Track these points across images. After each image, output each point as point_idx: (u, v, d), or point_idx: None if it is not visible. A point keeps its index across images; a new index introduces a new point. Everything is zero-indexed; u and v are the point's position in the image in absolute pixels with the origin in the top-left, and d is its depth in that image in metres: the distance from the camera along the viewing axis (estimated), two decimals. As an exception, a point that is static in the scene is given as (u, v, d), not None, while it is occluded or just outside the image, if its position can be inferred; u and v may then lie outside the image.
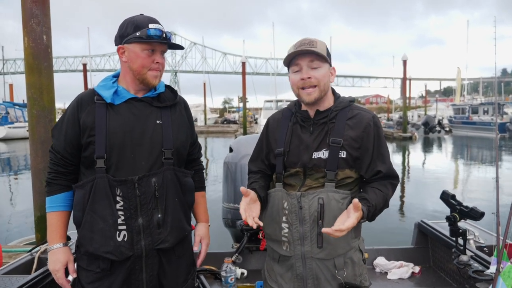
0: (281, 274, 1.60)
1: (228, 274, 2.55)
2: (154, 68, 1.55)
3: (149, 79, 1.55)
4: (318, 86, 1.50)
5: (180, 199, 1.62)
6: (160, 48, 1.56)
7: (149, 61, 1.54)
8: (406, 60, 25.27)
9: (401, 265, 2.87)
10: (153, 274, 1.56)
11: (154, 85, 1.58)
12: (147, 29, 1.52)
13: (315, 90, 1.50)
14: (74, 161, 1.57)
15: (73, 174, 1.59)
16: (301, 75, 1.50)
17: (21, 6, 3.54)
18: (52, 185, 1.57)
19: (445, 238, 2.67)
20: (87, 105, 1.55)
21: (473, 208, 2.27)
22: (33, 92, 3.59)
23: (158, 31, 1.52)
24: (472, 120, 29.28)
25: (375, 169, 1.53)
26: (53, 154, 1.59)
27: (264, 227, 1.63)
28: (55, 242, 1.58)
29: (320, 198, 1.47)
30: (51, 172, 1.58)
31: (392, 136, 25.38)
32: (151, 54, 1.54)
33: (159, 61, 1.56)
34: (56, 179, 1.57)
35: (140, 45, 1.53)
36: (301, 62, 1.51)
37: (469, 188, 9.69)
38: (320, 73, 1.50)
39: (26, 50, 3.57)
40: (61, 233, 1.59)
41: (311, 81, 1.49)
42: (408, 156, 17.27)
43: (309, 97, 1.51)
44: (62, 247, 1.58)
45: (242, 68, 28.31)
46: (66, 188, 1.57)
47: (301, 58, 1.50)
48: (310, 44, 1.49)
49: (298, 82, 1.52)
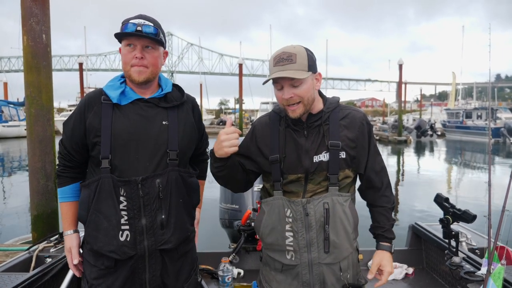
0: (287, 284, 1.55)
1: (225, 274, 2.58)
2: (136, 64, 1.53)
3: (133, 76, 1.54)
4: (302, 102, 1.46)
5: (185, 200, 1.64)
6: (139, 43, 1.53)
7: (129, 57, 1.54)
8: (402, 64, 25.43)
9: (395, 266, 2.92)
10: (155, 274, 1.57)
11: (139, 81, 1.55)
12: (126, 24, 1.52)
13: (299, 106, 1.46)
14: (79, 158, 1.62)
15: (79, 167, 1.65)
16: (283, 95, 1.46)
17: (21, 5, 3.54)
18: (61, 177, 1.65)
19: (438, 240, 2.72)
20: (94, 105, 1.57)
21: (466, 211, 2.31)
22: (31, 91, 3.59)
23: (133, 25, 1.50)
24: (466, 125, 29.47)
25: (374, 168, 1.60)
26: (61, 147, 1.64)
27: (263, 238, 1.58)
28: (67, 229, 1.67)
29: (325, 202, 1.48)
30: (59, 165, 1.66)
31: (387, 140, 25.48)
32: (132, 50, 1.53)
33: (138, 56, 1.53)
34: (64, 171, 1.64)
35: (123, 42, 1.56)
36: (283, 83, 1.45)
37: (462, 192, 9.79)
38: (303, 89, 1.45)
39: (25, 48, 3.57)
40: (70, 221, 1.67)
41: (294, 99, 1.45)
42: (403, 160, 17.37)
43: (294, 113, 1.47)
44: (70, 234, 1.67)
45: (239, 70, 28.32)
46: (74, 179, 1.65)
47: (280, 79, 1.45)
48: (288, 59, 1.42)
49: (282, 100, 1.48)
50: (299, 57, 1.44)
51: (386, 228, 1.61)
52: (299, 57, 1.44)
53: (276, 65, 1.44)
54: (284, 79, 1.44)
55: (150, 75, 1.57)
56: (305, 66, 1.44)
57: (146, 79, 1.56)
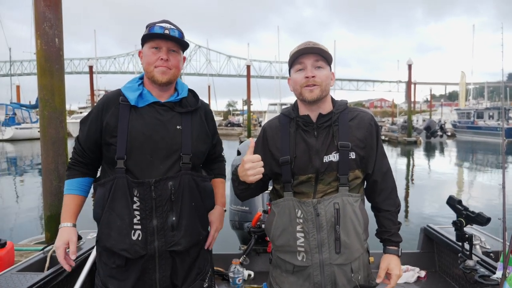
0: (298, 286, 1.55)
1: (236, 275, 2.59)
2: (160, 65, 1.57)
3: (156, 76, 1.58)
4: (320, 86, 1.50)
5: (197, 204, 1.65)
6: (165, 45, 1.58)
7: (154, 58, 1.57)
8: (411, 64, 25.24)
9: (407, 269, 2.89)
10: (165, 274, 1.59)
11: (162, 81, 1.58)
12: (152, 27, 1.57)
13: (317, 88, 1.50)
14: (92, 156, 1.65)
15: (91, 164, 1.68)
16: (306, 73, 1.50)
17: (34, 9, 3.61)
18: (71, 170, 1.67)
19: (451, 243, 2.69)
20: (112, 106, 1.60)
21: (480, 214, 2.28)
22: (45, 94, 3.65)
23: (160, 28, 1.56)
24: (478, 125, 29.12)
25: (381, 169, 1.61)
26: (77, 143, 1.67)
27: (274, 239, 1.59)
28: (64, 221, 1.65)
29: (336, 203, 1.48)
30: (72, 158, 1.69)
31: (397, 140, 25.25)
32: (157, 52, 1.58)
33: (163, 57, 1.57)
34: (75, 165, 1.67)
35: (147, 45, 1.59)
36: (306, 61, 1.51)
37: (475, 194, 9.65)
38: (324, 73, 1.52)
39: (39, 52, 3.64)
40: (70, 214, 1.65)
41: (315, 80, 1.49)
42: (413, 161, 17.22)
43: (311, 94, 1.50)
44: (68, 226, 1.64)
45: (247, 71, 28.38)
46: (83, 174, 1.67)
47: (306, 57, 1.51)
48: (314, 45, 1.51)
49: (301, 80, 1.51)
50: (324, 48, 1.53)
51: (392, 232, 1.61)
52: (324, 48, 1.53)
53: (302, 46, 1.52)
54: (310, 56, 1.51)
55: (172, 76, 1.61)
56: (327, 55, 1.54)
57: (169, 80, 1.60)
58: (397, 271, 1.57)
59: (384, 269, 1.58)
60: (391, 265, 1.58)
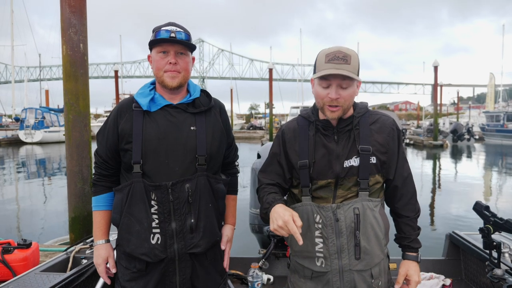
0: None
1: (255, 279, 2.57)
2: (169, 70, 1.57)
3: (166, 81, 1.58)
4: (343, 106, 1.44)
5: (214, 204, 1.65)
6: (172, 49, 1.57)
7: (162, 63, 1.57)
8: (437, 66, 24.60)
9: (431, 276, 2.80)
10: (186, 277, 1.59)
11: (173, 86, 1.58)
12: (158, 31, 1.56)
13: (339, 109, 1.44)
14: (115, 165, 1.67)
15: (114, 176, 1.69)
16: (330, 93, 1.42)
17: (60, 16, 3.73)
18: (97, 186, 1.69)
19: (478, 251, 2.58)
20: (126, 113, 1.62)
21: (508, 220, 2.18)
22: (69, 98, 3.75)
23: (166, 32, 1.54)
24: (508, 128, 28.05)
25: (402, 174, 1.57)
26: (97, 157, 1.69)
27: (292, 244, 1.56)
28: (98, 239, 1.69)
29: (356, 208, 1.45)
30: (95, 174, 1.70)
31: (422, 144, 24.67)
32: (165, 56, 1.57)
33: (172, 61, 1.56)
34: (100, 180, 1.68)
35: (155, 50, 1.59)
36: (332, 82, 1.42)
37: (504, 199, 9.28)
38: (348, 93, 1.43)
39: (64, 57, 3.75)
40: (103, 230, 1.69)
41: (338, 101, 1.43)
42: (439, 165, 16.74)
43: (332, 114, 1.45)
44: (104, 243, 1.68)
45: (269, 74, 28.35)
46: (109, 189, 1.68)
47: (332, 77, 1.42)
48: (343, 59, 1.40)
49: (325, 98, 1.44)
50: (353, 60, 1.42)
51: (412, 238, 1.59)
52: (353, 60, 1.42)
53: (329, 61, 1.41)
54: (336, 77, 1.41)
55: (182, 80, 1.61)
56: (356, 70, 1.43)
57: (179, 84, 1.60)
58: (416, 277, 1.54)
59: (403, 275, 1.55)
60: (410, 271, 1.55)
